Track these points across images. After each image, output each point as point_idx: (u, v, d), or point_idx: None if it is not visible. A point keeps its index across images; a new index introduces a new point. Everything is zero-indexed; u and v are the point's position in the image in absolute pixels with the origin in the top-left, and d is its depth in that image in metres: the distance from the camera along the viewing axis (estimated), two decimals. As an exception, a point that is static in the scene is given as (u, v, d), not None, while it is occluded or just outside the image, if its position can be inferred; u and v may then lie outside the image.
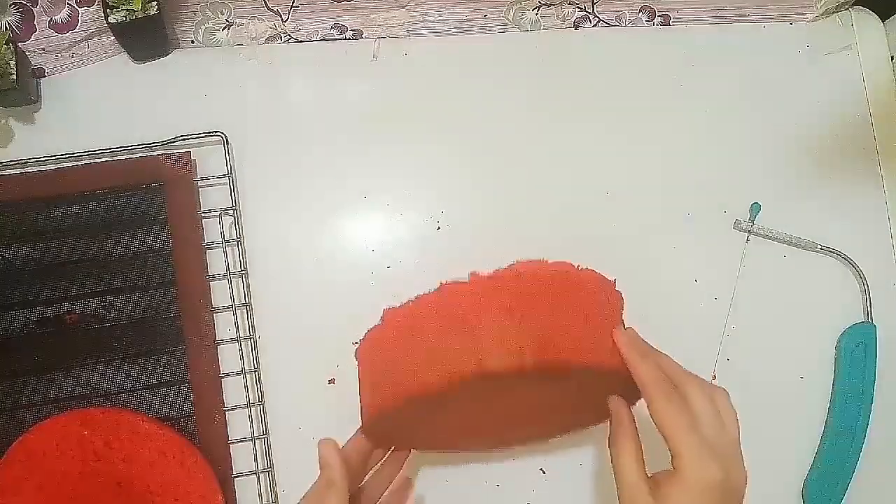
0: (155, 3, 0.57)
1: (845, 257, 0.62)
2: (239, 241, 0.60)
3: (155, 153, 0.60)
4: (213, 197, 0.61)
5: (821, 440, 0.61)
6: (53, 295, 0.58)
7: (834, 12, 0.66)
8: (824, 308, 0.62)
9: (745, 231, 0.62)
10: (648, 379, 0.42)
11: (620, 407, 0.45)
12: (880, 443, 0.61)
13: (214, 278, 0.60)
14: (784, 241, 0.62)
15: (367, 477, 0.50)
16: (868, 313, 0.62)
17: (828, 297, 0.63)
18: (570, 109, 0.64)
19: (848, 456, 0.59)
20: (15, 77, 0.57)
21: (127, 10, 0.57)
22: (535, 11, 0.65)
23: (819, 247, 0.62)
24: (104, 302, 0.59)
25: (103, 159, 0.60)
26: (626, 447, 0.43)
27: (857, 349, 0.60)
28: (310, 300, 0.60)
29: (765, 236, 0.62)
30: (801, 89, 0.65)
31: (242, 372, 0.59)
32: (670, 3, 0.65)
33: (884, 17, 0.67)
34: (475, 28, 0.65)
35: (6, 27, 0.59)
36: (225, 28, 0.63)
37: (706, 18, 0.66)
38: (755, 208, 0.62)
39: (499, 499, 0.59)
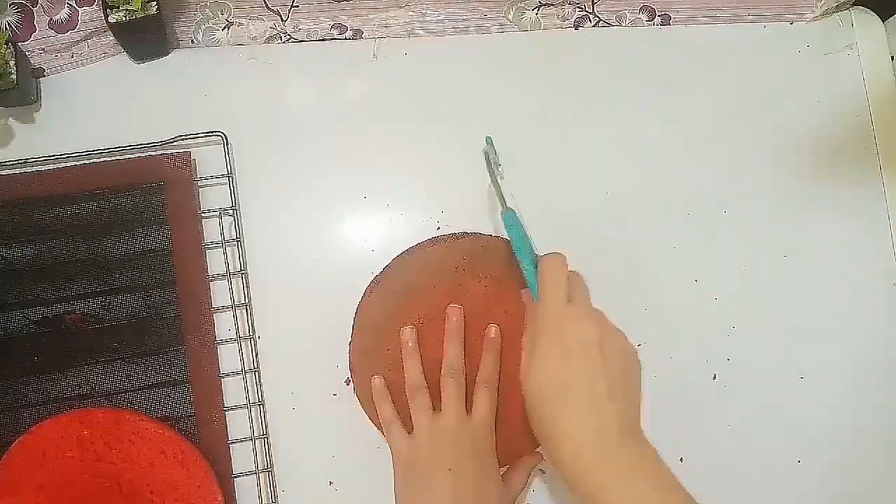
0: (155, 2, 0.57)
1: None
2: (239, 241, 0.60)
3: (155, 153, 0.60)
4: (212, 197, 0.61)
5: None
6: (53, 295, 0.58)
7: (834, 12, 0.66)
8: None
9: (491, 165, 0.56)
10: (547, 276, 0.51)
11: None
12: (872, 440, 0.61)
13: (214, 278, 0.60)
14: None
15: None
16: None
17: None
18: (570, 109, 0.64)
19: None
20: (15, 77, 0.57)
21: (127, 9, 0.57)
22: (535, 11, 0.65)
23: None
24: (104, 302, 0.59)
25: (103, 159, 0.60)
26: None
27: None
28: (310, 300, 0.60)
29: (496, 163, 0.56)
30: (801, 89, 0.65)
31: (242, 372, 0.59)
32: (670, 3, 0.65)
33: (884, 17, 0.67)
34: (475, 28, 0.65)
35: (6, 27, 0.59)
36: (225, 28, 0.63)
37: (706, 18, 0.66)
38: (489, 140, 0.56)
39: (499, 499, 0.59)
